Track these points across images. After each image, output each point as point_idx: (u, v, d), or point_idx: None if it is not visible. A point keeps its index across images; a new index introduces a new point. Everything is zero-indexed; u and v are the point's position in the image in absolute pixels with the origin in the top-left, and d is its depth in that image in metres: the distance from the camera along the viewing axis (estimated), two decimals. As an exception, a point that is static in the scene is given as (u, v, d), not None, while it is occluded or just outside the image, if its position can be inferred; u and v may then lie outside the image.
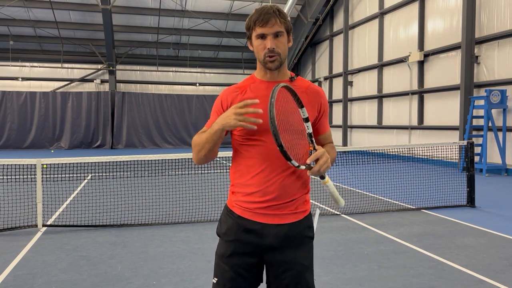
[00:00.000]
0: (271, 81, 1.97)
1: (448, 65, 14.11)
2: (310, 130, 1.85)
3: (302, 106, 1.83)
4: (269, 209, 1.94)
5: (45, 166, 7.19)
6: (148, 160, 6.79)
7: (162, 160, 7.47)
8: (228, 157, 4.38)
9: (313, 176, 1.87)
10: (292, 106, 1.87)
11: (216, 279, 2.01)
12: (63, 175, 7.81)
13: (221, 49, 24.53)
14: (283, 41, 1.92)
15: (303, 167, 1.80)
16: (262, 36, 1.90)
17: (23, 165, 6.28)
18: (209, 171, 11.57)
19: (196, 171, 11.25)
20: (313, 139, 1.86)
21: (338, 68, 21.21)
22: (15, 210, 6.54)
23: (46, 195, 7.65)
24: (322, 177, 1.88)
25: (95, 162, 6.72)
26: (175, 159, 7.81)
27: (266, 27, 1.88)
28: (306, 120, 1.84)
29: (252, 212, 1.96)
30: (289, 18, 2.04)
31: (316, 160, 1.81)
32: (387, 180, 9.85)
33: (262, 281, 2.07)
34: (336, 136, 21.48)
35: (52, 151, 20.67)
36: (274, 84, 1.93)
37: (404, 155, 15.54)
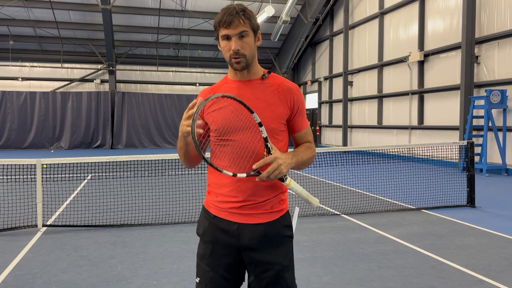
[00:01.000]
0: (242, 80, 1.99)
1: (448, 65, 14.11)
2: (265, 135, 1.83)
3: (252, 112, 1.82)
4: (244, 208, 1.94)
5: (45, 166, 7.19)
6: (148, 160, 6.79)
7: (162, 160, 7.47)
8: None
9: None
10: (244, 113, 1.87)
11: (198, 278, 2.03)
12: (63, 175, 7.81)
13: (221, 49, 24.50)
14: (248, 41, 1.91)
15: (242, 175, 1.80)
16: (227, 37, 1.90)
17: (23, 165, 6.28)
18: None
19: (196, 171, 11.25)
20: (268, 143, 1.84)
21: (338, 68, 21.21)
22: (15, 210, 6.54)
23: (46, 195, 7.65)
24: (282, 180, 1.86)
25: (95, 162, 6.72)
26: (175, 159, 7.81)
27: (230, 29, 1.87)
28: (260, 125, 1.83)
29: (227, 212, 1.96)
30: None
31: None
32: (387, 180, 9.85)
33: (244, 280, 2.07)
34: (336, 136, 21.49)
35: (52, 151, 20.67)
36: (245, 83, 1.98)
37: (404, 155, 15.55)
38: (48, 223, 6.27)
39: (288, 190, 2.02)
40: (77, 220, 6.36)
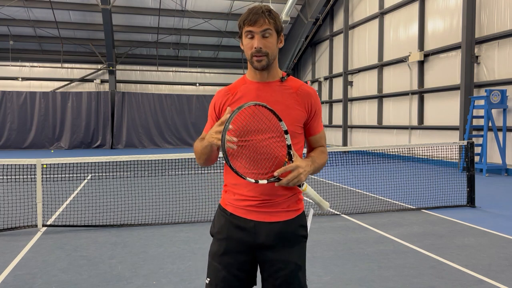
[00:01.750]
0: (261, 81, 1.99)
1: (448, 65, 14.11)
2: (289, 142, 1.85)
3: (280, 120, 1.83)
4: (262, 206, 1.95)
5: (45, 166, 7.19)
6: (148, 160, 6.79)
7: (162, 160, 7.47)
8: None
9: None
10: (266, 115, 1.88)
11: (208, 279, 2.01)
12: (63, 175, 7.81)
13: (221, 49, 24.53)
14: (271, 41, 1.92)
15: (263, 181, 1.83)
16: (251, 35, 1.91)
17: (23, 165, 6.28)
18: (209, 171, 11.57)
19: (196, 171, 11.25)
20: (291, 151, 1.86)
21: (338, 68, 21.21)
22: (15, 210, 6.54)
23: (46, 195, 7.65)
24: (299, 186, 1.90)
25: (95, 162, 6.73)
26: (175, 159, 7.82)
27: (255, 26, 1.89)
28: (286, 132, 1.84)
29: (245, 209, 1.97)
30: (282, 19, 2.07)
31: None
32: (387, 180, 9.85)
33: (255, 284, 2.05)
34: (336, 136, 21.49)
35: (52, 151, 20.67)
36: (264, 85, 1.98)
37: (404, 155, 15.54)
38: (48, 223, 6.27)
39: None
40: (77, 220, 6.36)
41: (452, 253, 4.87)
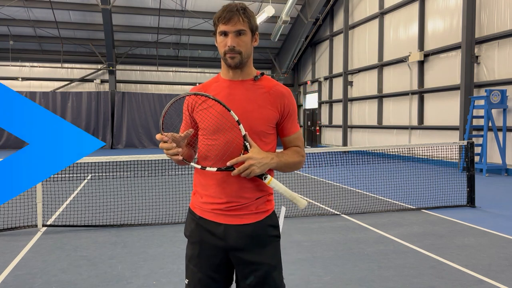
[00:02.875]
0: (234, 80, 1.99)
1: (448, 65, 14.11)
2: (244, 132, 1.87)
3: (229, 110, 1.85)
4: (229, 210, 1.95)
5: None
6: (148, 160, 6.79)
7: (162, 160, 7.46)
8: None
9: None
10: (223, 109, 1.89)
11: (187, 280, 2.04)
12: (63, 175, 7.81)
13: (221, 49, 24.49)
14: (245, 40, 1.92)
15: (213, 169, 1.88)
16: (224, 34, 1.91)
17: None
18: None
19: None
20: (247, 141, 1.87)
21: (338, 68, 21.21)
22: (15, 210, 6.54)
23: (46, 195, 7.65)
24: (261, 178, 1.89)
25: (95, 162, 6.72)
26: (175, 159, 7.81)
27: (228, 25, 1.89)
28: (238, 122, 1.86)
29: (212, 213, 1.98)
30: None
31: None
32: (387, 180, 9.85)
33: (232, 281, 2.08)
34: (336, 136, 21.48)
35: (52, 151, 20.66)
36: (236, 83, 1.98)
37: (404, 155, 15.54)
38: (48, 223, 6.27)
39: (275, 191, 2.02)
40: (77, 220, 6.36)
41: (452, 253, 4.87)
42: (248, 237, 1.95)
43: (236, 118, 1.85)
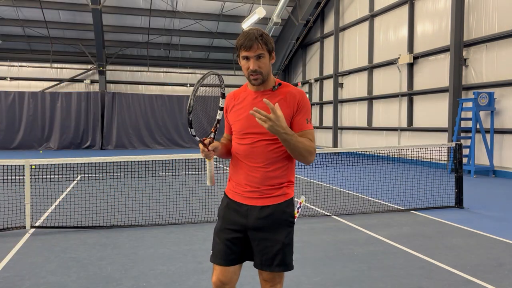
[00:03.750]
0: (257, 91, 2.38)
1: (437, 68, 14.25)
2: (220, 117, 2.37)
3: (222, 97, 2.36)
4: (253, 193, 2.34)
5: (33, 166, 7.12)
6: (138, 161, 6.76)
7: (152, 161, 7.44)
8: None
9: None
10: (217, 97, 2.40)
11: (212, 251, 2.46)
12: (52, 176, 7.74)
13: (212, 50, 24.50)
14: (265, 61, 2.28)
15: (196, 138, 2.34)
16: (247, 58, 2.27)
17: (11, 165, 6.21)
18: (199, 173, 11.53)
19: (187, 172, 11.21)
20: (218, 125, 2.36)
21: (328, 69, 21.30)
22: (3, 211, 6.47)
23: (34, 196, 7.57)
24: (207, 157, 2.32)
25: (84, 163, 6.67)
26: (165, 160, 7.79)
27: (250, 52, 2.24)
28: (221, 109, 2.38)
29: (240, 195, 2.39)
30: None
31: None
32: (377, 181, 9.92)
33: (248, 259, 2.44)
34: (326, 137, 21.57)
35: (41, 151, 20.47)
36: (258, 93, 2.37)
37: (393, 156, 15.65)
38: (37, 224, 6.21)
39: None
40: (66, 222, 6.30)
41: (441, 254, 4.92)
42: (266, 217, 2.32)
43: (222, 105, 2.39)
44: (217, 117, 2.37)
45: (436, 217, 6.80)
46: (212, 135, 2.35)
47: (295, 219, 2.43)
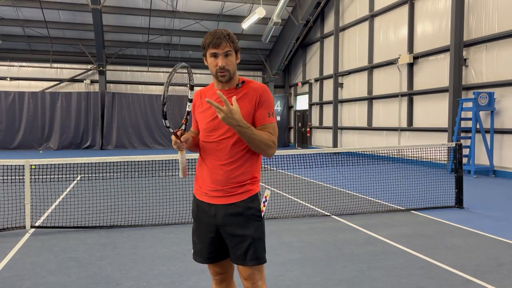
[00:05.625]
0: (222, 89, 2.44)
1: (437, 68, 14.25)
2: (189, 109, 2.42)
3: (191, 89, 2.43)
4: (219, 192, 2.40)
5: (33, 166, 7.12)
6: (138, 161, 6.76)
7: (152, 161, 7.43)
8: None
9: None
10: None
11: (193, 250, 2.58)
12: (52, 176, 7.73)
13: (212, 50, 24.45)
14: (232, 59, 2.37)
15: (170, 130, 2.37)
16: (215, 55, 2.35)
17: (11, 165, 6.21)
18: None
19: (187, 172, 11.22)
20: (188, 116, 2.41)
21: (328, 69, 21.30)
22: (3, 211, 6.47)
23: (34, 196, 7.57)
24: (179, 148, 2.38)
25: (84, 163, 6.66)
26: (165, 160, 7.78)
27: (218, 49, 2.33)
28: (190, 101, 2.43)
29: (206, 195, 2.45)
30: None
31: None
32: (377, 181, 9.91)
33: (228, 256, 2.49)
34: (326, 137, 21.57)
35: (41, 151, 20.46)
36: (224, 92, 2.41)
37: (393, 156, 15.65)
38: (37, 224, 6.21)
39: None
40: (66, 222, 6.30)
41: (441, 254, 4.92)
42: (233, 215, 2.39)
43: (191, 98, 2.44)
44: (187, 108, 2.42)
45: (436, 217, 6.80)
46: (183, 127, 2.41)
47: (263, 213, 2.47)
